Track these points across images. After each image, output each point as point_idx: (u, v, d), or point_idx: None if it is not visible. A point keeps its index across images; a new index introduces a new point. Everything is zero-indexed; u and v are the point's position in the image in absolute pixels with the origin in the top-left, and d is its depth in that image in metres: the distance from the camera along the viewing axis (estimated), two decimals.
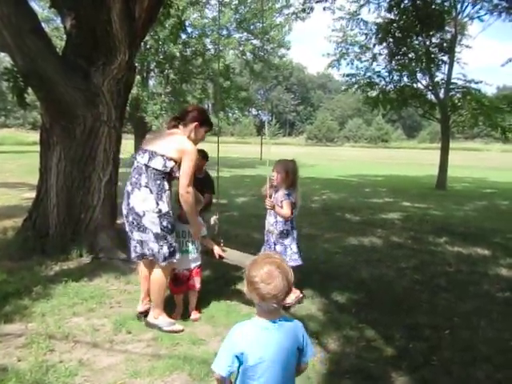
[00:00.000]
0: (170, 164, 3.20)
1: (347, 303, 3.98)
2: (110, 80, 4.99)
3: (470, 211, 10.18)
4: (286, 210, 3.79)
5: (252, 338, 1.69)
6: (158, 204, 3.19)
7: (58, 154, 4.96)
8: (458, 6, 15.33)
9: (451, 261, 5.55)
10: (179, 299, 3.68)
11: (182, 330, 3.34)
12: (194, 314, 3.62)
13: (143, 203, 3.19)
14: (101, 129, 5.01)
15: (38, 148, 5.27)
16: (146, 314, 3.46)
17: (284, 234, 3.88)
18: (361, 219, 8.40)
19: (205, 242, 3.67)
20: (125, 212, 3.33)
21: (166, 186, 3.25)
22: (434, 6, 14.24)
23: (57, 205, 4.96)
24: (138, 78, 19.96)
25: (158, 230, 3.22)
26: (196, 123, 3.41)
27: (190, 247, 3.57)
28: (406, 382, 2.74)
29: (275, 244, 3.90)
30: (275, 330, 1.70)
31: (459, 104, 15.27)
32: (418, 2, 13.98)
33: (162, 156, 3.19)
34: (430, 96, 16.06)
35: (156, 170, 3.19)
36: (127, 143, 13.68)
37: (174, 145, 3.24)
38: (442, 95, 15.53)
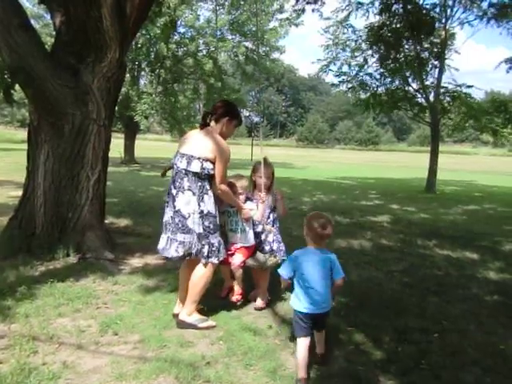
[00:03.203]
0: (208, 165, 3.29)
1: (336, 306, 3.94)
2: (100, 78, 4.93)
3: (458, 215, 10.24)
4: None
5: (305, 253, 2.86)
6: (199, 205, 3.30)
7: (46, 152, 4.89)
8: (448, 11, 15.46)
9: (440, 264, 5.57)
10: (225, 273, 3.91)
11: (215, 326, 3.38)
12: (234, 296, 3.72)
13: (187, 206, 3.30)
14: (90, 127, 4.95)
15: (26, 146, 5.19)
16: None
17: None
18: (350, 221, 8.40)
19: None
20: (171, 214, 3.38)
21: (208, 187, 3.34)
22: (424, 11, 14.36)
23: (44, 203, 4.88)
24: (128, 76, 19.85)
25: (201, 230, 3.32)
26: (227, 117, 3.48)
27: (235, 226, 3.69)
28: None
29: (273, 242, 3.86)
30: (319, 252, 2.86)
31: (449, 108, 15.40)
32: (409, 6, 14.09)
33: (199, 159, 3.27)
34: (421, 99, 16.18)
35: (195, 173, 3.27)
36: (117, 142, 13.64)
37: (209, 146, 3.31)
38: (432, 98, 15.65)
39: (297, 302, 2.82)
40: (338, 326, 3.50)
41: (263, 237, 3.83)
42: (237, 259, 3.65)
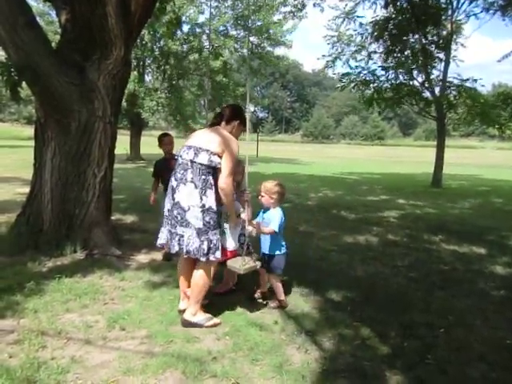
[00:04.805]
0: (215, 159, 3.25)
1: (342, 301, 3.97)
2: (106, 75, 4.95)
3: (465, 209, 10.20)
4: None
5: (281, 211, 3.71)
6: (201, 199, 3.22)
7: (53, 150, 4.92)
8: (454, 3, 15.31)
9: (446, 259, 5.56)
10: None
11: (220, 324, 3.37)
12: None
13: (188, 198, 3.23)
14: (96, 124, 4.98)
15: (32, 143, 5.23)
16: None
17: None
18: (356, 217, 8.39)
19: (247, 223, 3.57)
20: (169, 206, 3.36)
21: (212, 181, 3.27)
22: (430, 3, 14.24)
23: (51, 200, 4.92)
24: (134, 73, 19.89)
25: (201, 225, 3.24)
26: (238, 121, 3.53)
27: (225, 229, 3.56)
28: (401, 381, 2.72)
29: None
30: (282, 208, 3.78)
31: (455, 102, 15.27)
32: None
33: (207, 151, 3.24)
34: (426, 93, 16.05)
35: (202, 164, 3.23)
36: (123, 139, 13.68)
37: (218, 140, 3.29)
38: (437, 93, 15.52)
39: (282, 247, 3.77)
40: (344, 321, 3.51)
41: (246, 238, 3.64)
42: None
